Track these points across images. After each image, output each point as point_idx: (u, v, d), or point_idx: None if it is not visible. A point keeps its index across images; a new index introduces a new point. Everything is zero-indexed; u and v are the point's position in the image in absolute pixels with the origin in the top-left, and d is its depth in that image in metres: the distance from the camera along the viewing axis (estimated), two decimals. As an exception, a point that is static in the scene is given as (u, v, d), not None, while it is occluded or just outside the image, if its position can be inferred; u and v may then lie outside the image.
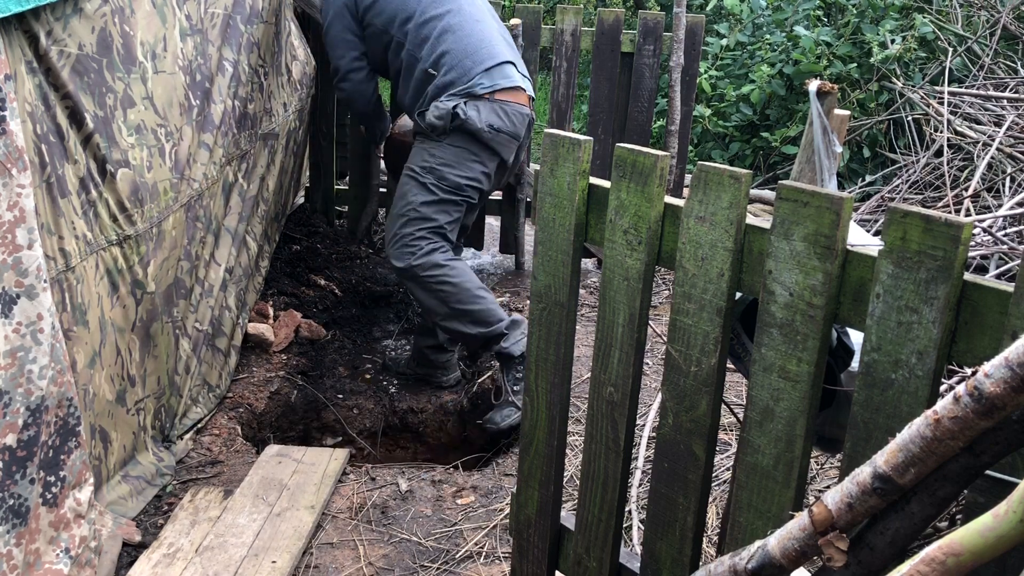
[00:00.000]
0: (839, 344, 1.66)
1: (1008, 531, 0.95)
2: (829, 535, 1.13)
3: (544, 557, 2.06)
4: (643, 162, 1.63)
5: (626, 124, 4.75)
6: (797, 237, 1.40)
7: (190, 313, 3.01)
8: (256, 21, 3.50)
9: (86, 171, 2.33)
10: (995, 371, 0.98)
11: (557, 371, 1.91)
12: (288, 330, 3.71)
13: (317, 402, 3.59)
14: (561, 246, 1.82)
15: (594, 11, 8.03)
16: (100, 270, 2.42)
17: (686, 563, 1.73)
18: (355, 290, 4.38)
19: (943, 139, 4.74)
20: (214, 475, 2.82)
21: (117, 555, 2.37)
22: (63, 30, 2.21)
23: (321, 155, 4.82)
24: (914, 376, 1.28)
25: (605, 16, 4.63)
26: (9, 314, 1.96)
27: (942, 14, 6.10)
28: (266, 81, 3.63)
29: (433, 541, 2.56)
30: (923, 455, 1.05)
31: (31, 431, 2.01)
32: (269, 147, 3.68)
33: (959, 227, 1.21)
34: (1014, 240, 3.40)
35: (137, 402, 2.66)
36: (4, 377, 1.94)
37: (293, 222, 4.66)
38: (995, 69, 5.48)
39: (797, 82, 5.87)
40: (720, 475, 2.71)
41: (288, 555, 2.41)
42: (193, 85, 2.93)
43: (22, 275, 1.98)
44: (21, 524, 2.01)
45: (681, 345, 1.63)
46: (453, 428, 3.66)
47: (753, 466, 1.53)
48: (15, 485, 1.98)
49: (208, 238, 3.12)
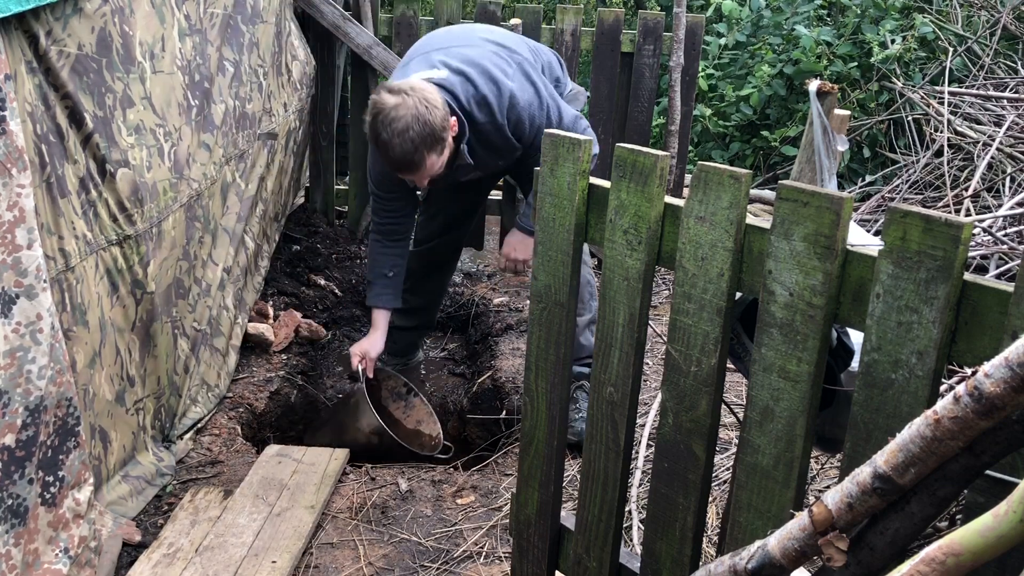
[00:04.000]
0: (839, 344, 1.66)
1: (1008, 531, 0.95)
2: (829, 535, 1.13)
3: (544, 557, 2.06)
4: (643, 162, 1.63)
5: (626, 124, 4.75)
6: (797, 237, 1.39)
7: (188, 313, 3.01)
8: (256, 21, 3.50)
9: (86, 171, 2.33)
10: (995, 371, 0.97)
11: (557, 371, 1.90)
12: (288, 330, 3.71)
13: (317, 402, 3.59)
14: (561, 246, 1.82)
15: (594, 11, 8.03)
16: (100, 270, 2.42)
17: (686, 563, 1.73)
18: (355, 290, 4.38)
19: (943, 139, 4.74)
20: (214, 475, 2.82)
21: (117, 555, 2.37)
22: (63, 30, 2.21)
23: (321, 155, 4.82)
24: (914, 376, 1.28)
25: (605, 16, 4.63)
26: (9, 314, 1.96)
27: (942, 14, 6.10)
28: (266, 81, 3.63)
29: (433, 541, 2.56)
30: (923, 455, 1.05)
31: (29, 431, 2.01)
32: (268, 147, 3.68)
33: (959, 227, 1.21)
34: (1014, 240, 3.40)
35: (137, 402, 2.66)
36: (3, 377, 1.94)
37: (293, 222, 4.66)
38: (995, 69, 5.48)
39: (797, 82, 5.87)
40: (720, 475, 2.71)
41: (288, 555, 2.41)
42: (192, 85, 2.93)
43: (21, 275, 1.98)
44: (20, 524, 2.01)
45: (681, 345, 1.63)
46: (453, 428, 3.66)
47: (753, 466, 1.53)
48: (13, 485, 1.98)
49: (206, 238, 3.12)
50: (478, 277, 4.70)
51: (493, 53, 2.81)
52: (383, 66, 4.54)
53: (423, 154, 2.59)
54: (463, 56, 2.79)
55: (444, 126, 2.60)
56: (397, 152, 2.58)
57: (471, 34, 3.00)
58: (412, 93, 2.56)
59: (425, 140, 2.56)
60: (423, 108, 2.54)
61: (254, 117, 3.50)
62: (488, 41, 2.91)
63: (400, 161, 2.61)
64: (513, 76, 2.75)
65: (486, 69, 2.74)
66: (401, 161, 2.61)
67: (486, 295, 4.38)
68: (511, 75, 2.76)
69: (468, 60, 2.76)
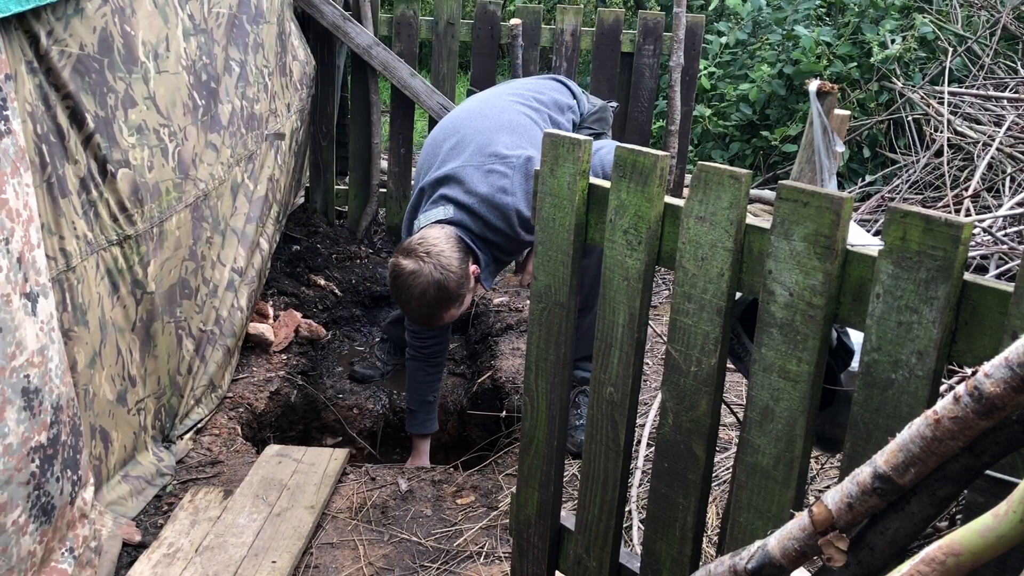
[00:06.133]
0: (839, 344, 1.66)
1: (1008, 531, 0.95)
2: (829, 535, 1.13)
3: (544, 557, 2.07)
4: (643, 162, 1.63)
5: (626, 124, 4.75)
6: (797, 237, 1.40)
7: (195, 314, 3.00)
8: (260, 21, 3.50)
9: (86, 171, 2.33)
10: (995, 371, 0.98)
11: (557, 371, 1.91)
12: (288, 330, 3.72)
13: (317, 402, 3.59)
14: (561, 246, 1.82)
15: (594, 11, 8.03)
16: (100, 270, 2.42)
17: (686, 563, 1.73)
18: (355, 290, 4.38)
19: (943, 139, 4.74)
20: (214, 475, 2.82)
21: (117, 555, 2.37)
22: (64, 30, 2.21)
23: (321, 155, 4.82)
24: (914, 376, 1.28)
25: (605, 16, 4.63)
26: (35, 312, 1.96)
27: (942, 14, 6.10)
28: (270, 81, 3.63)
29: (433, 541, 2.56)
30: (923, 455, 1.05)
31: (55, 429, 2.01)
32: (276, 148, 3.68)
33: (959, 227, 1.21)
34: (1014, 240, 3.40)
35: (138, 402, 2.66)
36: (37, 375, 1.94)
37: (293, 222, 4.66)
38: (995, 69, 5.48)
39: (797, 82, 5.87)
40: (720, 475, 2.71)
41: (288, 555, 2.41)
42: (198, 85, 2.92)
43: (38, 274, 1.99)
44: (47, 523, 2.01)
45: (681, 345, 1.63)
46: (453, 428, 3.67)
47: (753, 466, 1.53)
48: (47, 483, 1.99)
49: (215, 238, 3.12)
50: (478, 277, 4.70)
51: (488, 171, 2.79)
52: (383, 66, 4.54)
53: (440, 314, 2.77)
54: (463, 188, 2.79)
55: (461, 283, 2.73)
56: (417, 315, 2.78)
57: (466, 139, 2.91)
58: (428, 259, 2.68)
59: (441, 302, 2.72)
60: (439, 274, 2.67)
61: (261, 117, 3.51)
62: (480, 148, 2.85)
63: (421, 321, 2.84)
64: (513, 188, 2.75)
65: (486, 197, 2.75)
66: (422, 321, 2.83)
67: (486, 295, 4.38)
68: (510, 188, 2.75)
69: (467, 191, 2.78)
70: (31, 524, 1.95)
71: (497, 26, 4.67)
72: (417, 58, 4.73)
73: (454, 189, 2.81)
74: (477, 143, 2.87)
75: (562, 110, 3.18)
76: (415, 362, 3.24)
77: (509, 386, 3.46)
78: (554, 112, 3.14)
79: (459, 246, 2.74)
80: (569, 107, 3.21)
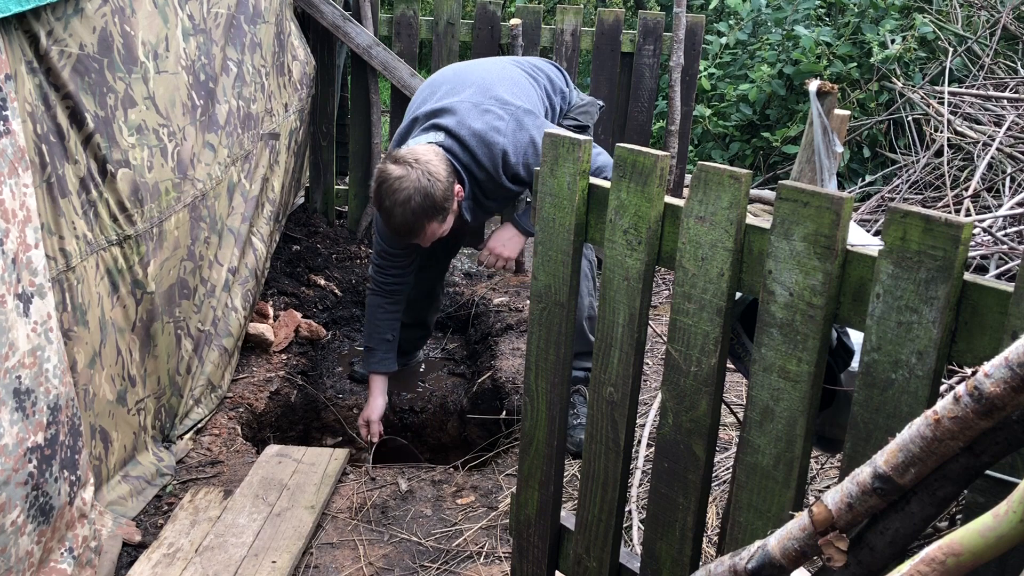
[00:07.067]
0: (839, 344, 1.66)
1: (1008, 531, 0.95)
2: (829, 535, 1.13)
3: (544, 557, 2.06)
4: (643, 162, 1.63)
5: (626, 124, 4.75)
6: (797, 237, 1.40)
7: (193, 314, 3.01)
8: (258, 21, 3.50)
9: (86, 171, 2.33)
10: (995, 371, 0.97)
11: (557, 371, 1.91)
12: (288, 330, 3.72)
13: (317, 402, 3.59)
14: (561, 246, 1.82)
15: (594, 11, 8.03)
16: (100, 270, 2.42)
17: (686, 563, 1.73)
18: (355, 290, 4.38)
19: (943, 139, 4.74)
20: (214, 475, 2.82)
21: (117, 555, 2.37)
22: (64, 30, 2.21)
23: (321, 155, 4.83)
24: (914, 376, 1.28)
25: (605, 16, 4.63)
26: (28, 313, 1.96)
27: (942, 14, 6.10)
28: (267, 81, 3.63)
29: (433, 541, 2.56)
30: (923, 455, 1.05)
31: (52, 430, 2.02)
32: (271, 147, 3.68)
33: (959, 227, 1.21)
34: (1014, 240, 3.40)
35: (138, 402, 2.66)
36: (29, 376, 1.94)
37: (293, 222, 4.66)
38: (995, 69, 5.48)
39: (797, 82, 5.87)
40: (720, 475, 2.71)
41: (288, 555, 2.41)
42: (197, 85, 2.92)
43: (33, 274, 1.99)
44: (45, 523, 2.01)
45: (681, 345, 1.63)
46: (453, 428, 3.66)
47: (753, 466, 1.53)
48: (46, 484, 1.99)
49: (212, 238, 3.12)
50: (478, 277, 4.70)
51: (485, 111, 2.82)
52: (383, 66, 4.54)
53: (423, 223, 2.70)
54: (457, 119, 2.81)
55: (447, 196, 2.69)
56: (399, 220, 2.69)
57: (466, 81, 2.96)
58: (416, 165, 2.64)
59: (426, 211, 2.66)
60: (426, 180, 2.63)
61: (258, 117, 3.51)
62: (482, 90, 2.89)
63: (401, 228, 2.73)
64: (506, 131, 2.78)
65: (478, 132, 2.77)
66: (402, 228, 2.73)
67: (486, 295, 4.38)
68: (503, 130, 2.78)
69: (461, 122, 2.79)
70: (29, 524, 1.95)
71: (497, 26, 4.67)
72: (417, 58, 4.73)
73: (448, 119, 2.81)
74: (479, 85, 2.90)
75: (554, 90, 3.21)
76: (375, 297, 3.21)
77: (509, 386, 3.46)
78: (548, 87, 3.18)
79: (447, 164, 2.72)
80: (560, 91, 3.24)
